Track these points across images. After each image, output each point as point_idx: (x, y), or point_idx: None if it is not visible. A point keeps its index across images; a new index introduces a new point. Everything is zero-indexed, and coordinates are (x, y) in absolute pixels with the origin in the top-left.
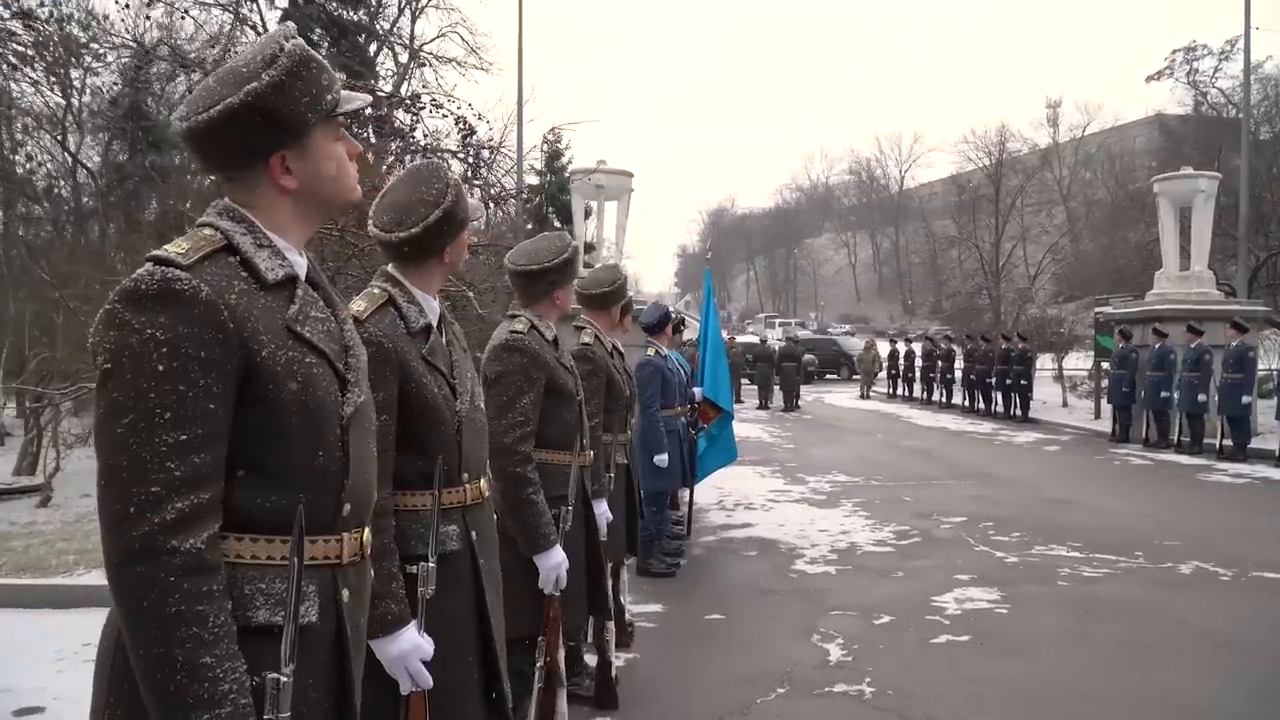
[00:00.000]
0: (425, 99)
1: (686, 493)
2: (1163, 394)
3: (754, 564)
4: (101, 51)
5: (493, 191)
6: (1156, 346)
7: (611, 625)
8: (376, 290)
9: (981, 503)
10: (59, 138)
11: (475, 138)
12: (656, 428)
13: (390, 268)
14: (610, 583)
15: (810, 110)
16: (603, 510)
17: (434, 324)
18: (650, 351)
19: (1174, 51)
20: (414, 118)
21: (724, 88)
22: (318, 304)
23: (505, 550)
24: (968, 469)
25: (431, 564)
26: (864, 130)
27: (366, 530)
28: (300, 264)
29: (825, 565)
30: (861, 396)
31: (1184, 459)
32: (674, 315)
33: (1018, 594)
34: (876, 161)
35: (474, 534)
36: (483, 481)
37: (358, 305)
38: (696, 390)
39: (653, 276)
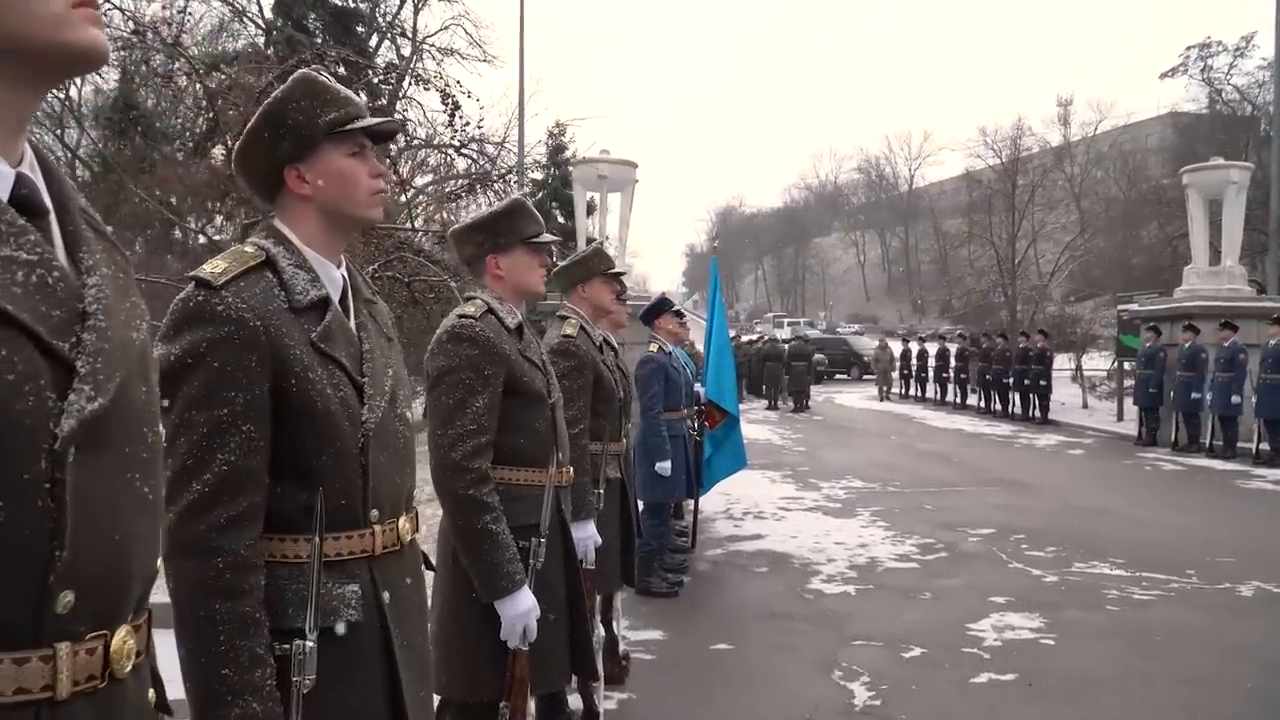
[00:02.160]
0: (406, 71)
1: (691, 501)
2: (1193, 395)
3: (765, 582)
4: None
5: (492, 176)
6: (1187, 345)
7: (599, 671)
8: (249, 248)
9: (1009, 512)
10: (58, 133)
11: (461, 112)
12: (659, 432)
13: (276, 221)
14: (596, 618)
15: (818, 109)
16: (589, 534)
17: (333, 298)
18: (652, 347)
19: (1189, 48)
20: (391, 88)
21: (731, 86)
22: (26, 237)
23: (459, 593)
24: (990, 474)
25: (310, 642)
26: (873, 128)
27: (123, 632)
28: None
29: (844, 584)
30: (880, 398)
31: (1218, 464)
32: (676, 306)
33: (1063, 620)
34: (886, 160)
35: (386, 597)
36: (403, 521)
37: (215, 266)
38: (700, 389)
39: (661, 276)
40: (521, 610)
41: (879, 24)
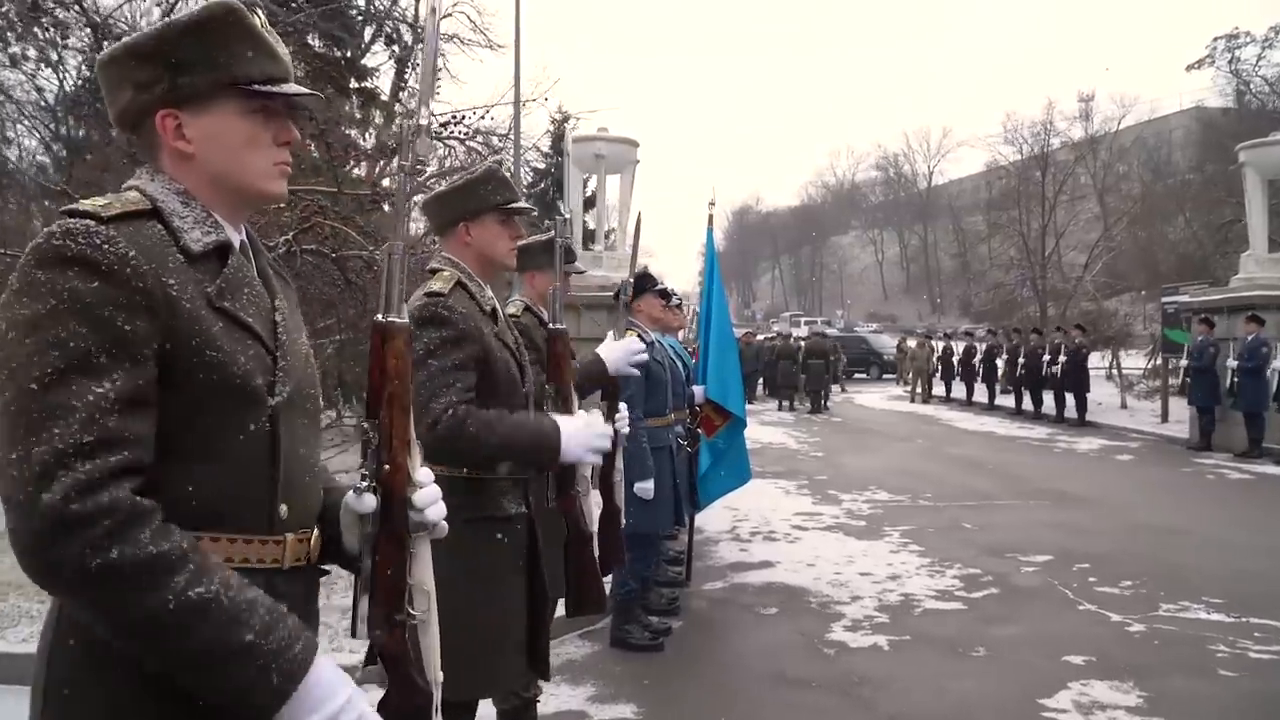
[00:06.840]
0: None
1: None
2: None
3: (775, 629)
4: (64, 18)
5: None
6: (1249, 338)
7: None
8: None
9: (1065, 532)
10: (51, 126)
11: (413, 64)
12: (639, 443)
13: None
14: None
15: (836, 106)
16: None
17: None
18: (630, 336)
19: (1215, 39)
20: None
21: (746, 84)
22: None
23: None
24: (1033, 485)
25: None
26: (891, 125)
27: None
28: None
29: (873, 633)
30: (924, 400)
31: None
32: (661, 284)
33: (1167, 692)
34: (904, 157)
35: None
36: None
37: None
38: (697, 390)
39: (677, 275)
40: None
41: (895, 20)
